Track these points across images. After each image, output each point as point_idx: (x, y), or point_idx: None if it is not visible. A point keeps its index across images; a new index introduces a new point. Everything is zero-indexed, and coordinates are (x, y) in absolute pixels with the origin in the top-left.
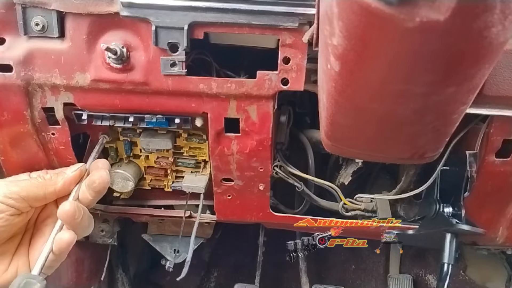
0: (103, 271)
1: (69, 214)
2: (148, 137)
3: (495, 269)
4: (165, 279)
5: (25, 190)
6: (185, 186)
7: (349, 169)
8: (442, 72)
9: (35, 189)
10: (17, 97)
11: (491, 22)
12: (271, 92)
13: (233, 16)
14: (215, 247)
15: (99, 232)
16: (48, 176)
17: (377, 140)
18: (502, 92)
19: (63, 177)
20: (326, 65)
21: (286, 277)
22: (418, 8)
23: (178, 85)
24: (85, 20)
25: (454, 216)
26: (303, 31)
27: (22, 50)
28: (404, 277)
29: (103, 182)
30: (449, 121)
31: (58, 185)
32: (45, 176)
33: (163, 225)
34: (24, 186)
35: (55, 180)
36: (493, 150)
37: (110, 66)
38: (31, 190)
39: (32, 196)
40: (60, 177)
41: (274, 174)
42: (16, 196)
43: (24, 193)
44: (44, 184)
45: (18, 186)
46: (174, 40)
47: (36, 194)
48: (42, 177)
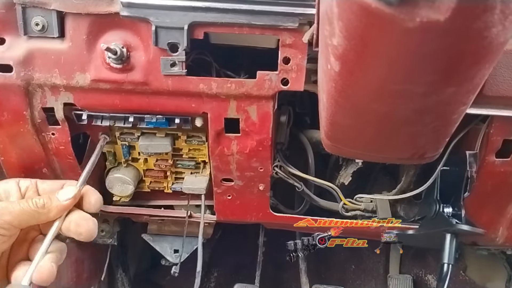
0: (103, 271)
1: (43, 279)
2: (146, 141)
3: (495, 269)
4: (165, 279)
5: (17, 219)
6: (185, 188)
7: (349, 169)
8: (442, 72)
9: (27, 217)
10: (17, 97)
11: (491, 22)
12: (271, 92)
13: (233, 16)
14: (215, 247)
15: (99, 232)
16: (41, 202)
17: (377, 140)
18: (502, 92)
19: (57, 205)
20: (326, 65)
21: (286, 277)
22: (418, 8)
23: (178, 85)
24: (85, 20)
25: (454, 216)
26: (303, 31)
27: (22, 50)
28: (404, 277)
29: (89, 236)
30: (449, 121)
31: (50, 214)
32: (38, 203)
33: (163, 225)
34: (16, 215)
35: (48, 208)
36: (493, 150)
37: (110, 66)
38: (24, 218)
39: (24, 224)
40: (54, 204)
41: (274, 174)
42: (9, 226)
43: (16, 222)
44: (37, 212)
45: (11, 214)
46: (174, 40)
47: (28, 222)
48: (35, 203)
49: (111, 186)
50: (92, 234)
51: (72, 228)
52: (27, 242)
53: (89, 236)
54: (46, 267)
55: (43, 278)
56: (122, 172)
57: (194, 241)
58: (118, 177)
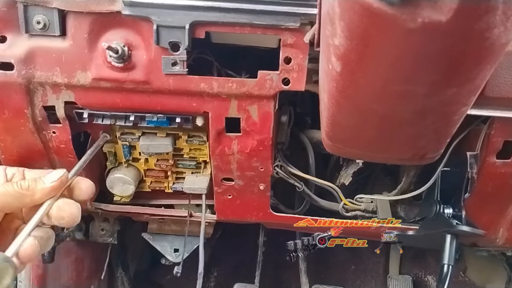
0: (103, 270)
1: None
2: (147, 141)
3: (495, 270)
4: (165, 278)
5: (0, 201)
6: (186, 188)
7: (349, 170)
8: (443, 73)
9: (10, 199)
10: (18, 95)
11: (493, 23)
12: (272, 92)
13: (235, 15)
14: (215, 247)
15: (99, 231)
16: (25, 184)
17: (378, 140)
18: (503, 93)
19: (42, 188)
20: (328, 65)
21: (286, 277)
22: (420, 8)
23: (179, 84)
24: (86, 19)
25: (454, 217)
26: (304, 31)
27: (23, 48)
28: (404, 277)
29: (72, 221)
30: (450, 122)
31: (35, 196)
32: (23, 184)
33: (163, 224)
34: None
35: (32, 190)
36: (494, 151)
37: (111, 65)
38: (6, 200)
39: (7, 207)
40: (38, 187)
41: (274, 174)
42: None
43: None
44: (21, 194)
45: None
46: (175, 39)
47: (11, 205)
48: (20, 185)
49: (112, 186)
50: (75, 219)
51: (54, 213)
52: (11, 231)
53: (71, 221)
54: (29, 243)
55: (26, 252)
56: (123, 172)
57: (195, 240)
58: (119, 177)
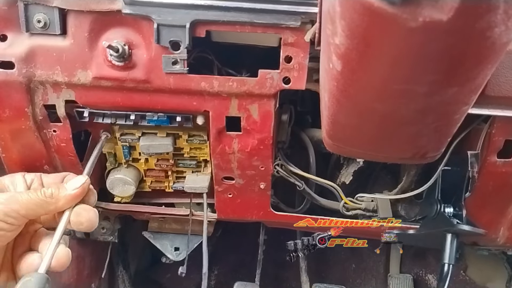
0: (103, 268)
1: (62, 263)
2: (147, 141)
3: (495, 269)
4: (166, 276)
5: (25, 209)
6: (187, 187)
7: (350, 169)
8: (444, 72)
9: (35, 207)
10: (18, 94)
11: (494, 23)
12: (273, 91)
13: (235, 14)
14: (215, 245)
15: (100, 230)
16: (49, 192)
17: (379, 139)
18: (504, 92)
19: (65, 195)
20: (328, 64)
21: (286, 276)
22: (421, 8)
23: (179, 83)
24: (87, 18)
25: (455, 216)
26: (305, 30)
27: (24, 47)
28: (404, 276)
29: (91, 226)
30: (451, 121)
31: (59, 203)
32: (46, 192)
33: (164, 223)
34: (24, 204)
35: (56, 198)
36: (494, 151)
37: (111, 64)
38: (31, 208)
39: (32, 214)
40: (61, 194)
41: (275, 173)
42: (16, 214)
43: (23, 211)
44: (45, 201)
45: (18, 203)
46: (176, 38)
47: (36, 212)
48: (43, 192)
49: (112, 187)
50: (93, 225)
51: (73, 218)
52: (29, 235)
53: (90, 226)
54: (63, 253)
55: (62, 263)
56: (123, 173)
57: (195, 239)
58: (120, 178)
